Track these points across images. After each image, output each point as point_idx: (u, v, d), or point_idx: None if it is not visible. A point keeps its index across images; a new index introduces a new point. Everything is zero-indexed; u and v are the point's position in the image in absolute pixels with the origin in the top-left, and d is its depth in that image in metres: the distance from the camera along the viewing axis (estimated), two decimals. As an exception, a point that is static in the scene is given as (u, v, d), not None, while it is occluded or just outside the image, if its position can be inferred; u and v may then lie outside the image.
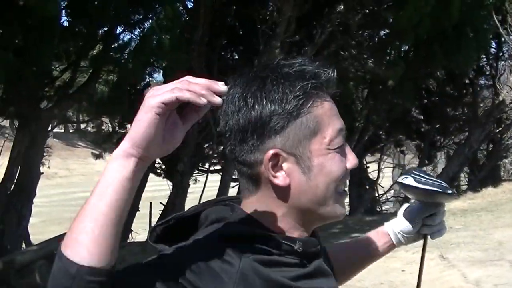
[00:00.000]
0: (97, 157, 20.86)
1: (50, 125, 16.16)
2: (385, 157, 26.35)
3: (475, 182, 21.39)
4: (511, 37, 20.05)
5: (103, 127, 19.50)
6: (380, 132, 22.92)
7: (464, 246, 10.46)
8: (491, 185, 17.08)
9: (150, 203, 17.88)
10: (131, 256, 12.44)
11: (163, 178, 18.06)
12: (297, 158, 1.45)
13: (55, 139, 46.73)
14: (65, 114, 17.97)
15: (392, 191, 26.53)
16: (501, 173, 24.74)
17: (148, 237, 1.55)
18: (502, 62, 22.43)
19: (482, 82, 23.50)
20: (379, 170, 23.90)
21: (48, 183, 39.53)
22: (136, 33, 14.76)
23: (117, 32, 14.70)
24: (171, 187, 16.47)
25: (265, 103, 1.42)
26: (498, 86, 20.56)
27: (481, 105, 22.62)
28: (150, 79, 17.71)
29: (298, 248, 1.48)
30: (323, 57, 14.55)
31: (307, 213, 1.51)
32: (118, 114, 16.59)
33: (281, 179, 1.45)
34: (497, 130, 22.00)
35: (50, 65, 14.00)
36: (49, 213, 30.69)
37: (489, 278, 8.43)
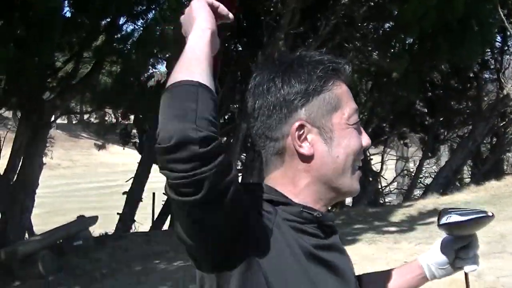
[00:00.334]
0: (100, 148, 20.99)
1: (53, 116, 16.17)
2: (389, 150, 26.35)
3: (478, 176, 21.36)
4: (516, 31, 20.03)
5: (106, 118, 19.54)
6: (384, 125, 22.91)
7: (467, 239, 10.44)
8: (494, 179, 17.04)
9: (153, 194, 17.89)
10: (135, 246, 12.49)
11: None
12: (320, 130, 1.63)
13: (58, 130, 46.80)
14: (68, 105, 17.94)
15: (395, 183, 26.55)
16: (505, 167, 24.72)
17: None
18: (507, 56, 22.40)
19: (487, 76, 23.47)
20: (383, 162, 23.89)
21: (51, 174, 39.61)
22: (140, 24, 14.78)
23: (120, 23, 14.72)
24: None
25: (293, 83, 1.62)
26: (503, 80, 20.52)
27: (485, 99, 22.59)
28: (154, 70, 17.74)
29: (318, 214, 1.64)
30: (328, 49, 14.53)
31: (327, 186, 1.66)
32: (122, 105, 16.61)
33: (306, 149, 1.62)
34: (501, 124, 21.96)
35: (52, 56, 13.98)
36: (52, 204, 30.73)
37: (491, 271, 8.42)
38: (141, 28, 14.82)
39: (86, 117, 22.76)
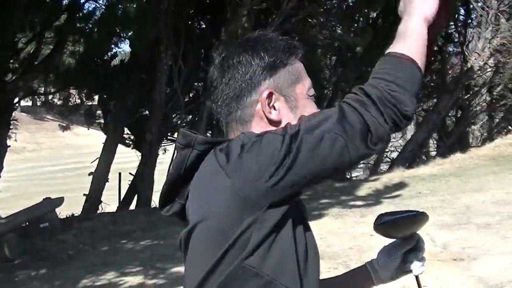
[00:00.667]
0: (64, 129, 20.83)
1: (17, 98, 15.99)
2: (355, 125, 26.41)
3: (444, 149, 21.55)
4: (479, 4, 20.14)
5: (71, 99, 19.36)
6: (349, 100, 22.96)
7: (433, 211, 10.51)
8: (460, 151, 17.17)
9: (119, 174, 17.80)
10: (102, 227, 12.42)
11: (132, 149, 17.96)
12: (286, 99, 1.76)
13: (23, 113, 46.39)
14: (31, 87, 17.74)
15: (362, 158, 26.64)
16: (470, 139, 24.93)
17: (180, 133, 1.77)
18: (471, 29, 22.56)
19: (451, 49, 23.65)
20: (349, 138, 23.93)
21: (17, 158, 39.29)
22: (101, 2, 14.61)
23: (82, 2, 14.53)
24: (140, 158, 16.38)
25: (263, 55, 1.75)
26: (467, 53, 20.68)
27: (450, 72, 22.77)
28: (117, 49, 17.58)
29: None
30: (291, 25, 14.50)
31: None
32: (85, 86, 16.44)
33: (274, 115, 1.74)
34: (466, 97, 22.15)
35: (14, 37, 13.78)
36: (18, 188, 30.52)
37: (457, 241, 8.49)
38: (103, 7, 14.67)
39: (50, 98, 22.54)
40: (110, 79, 15.89)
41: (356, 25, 17.92)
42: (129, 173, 17.50)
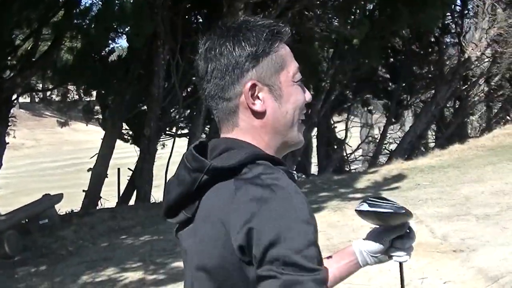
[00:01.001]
0: (63, 125, 20.77)
1: (15, 95, 15.98)
2: (353, 117, 26.42)
3: (442, 140, 21.55)
4: (476, -6, 20.13)
5: (69, 95, 19.35)
6: (347, 92, 22.97)
7: (432, 202, 10.55)
8: (458, 142, 17.17)
9: (118, 169, 17.78)
10: (101, 223, 12.42)
11: (131, 144, 17.96)
12: (270, 88, 1.74)
13: (22, 110, 46.34)
14: (29, 83, 17.73)
15: (360, 151, 26.66)
16: (468, 130, 24.92)
17: (191, 152, 1.74)
18: (467, 20, 22.52)
19: (448, 40, 23.66)
20: (347, 130, 23.95)
21: (16, 154, 39.24)
22: (98, -2, 14.58)
23: (79, -2, 14.51)
24: (139, 153, 16.37)
25: (244, 45, 1.72)
26: (464, 44, 20.65)
27: (447, 63, 22.75)
28: (115, 45, 17.55)
29: (299, 177, 1.73)
30: (288, 18, 14.47)
31: (280, 140, 1.78)
32: (83, 81, 16.43)
33: (259, 106, 1.73)
34: (463, 88, 22.13)
35: (11, 34, 13.77)
36: (18, 184, 30.49)
37: (456, 233, 8.51)
38: (100, 2, 14.64)
39: (48, 95, 22.55)
40: (108, 75, 15.88)
41: (353, 17, 17.91)
42: (128, 169, 17.50)
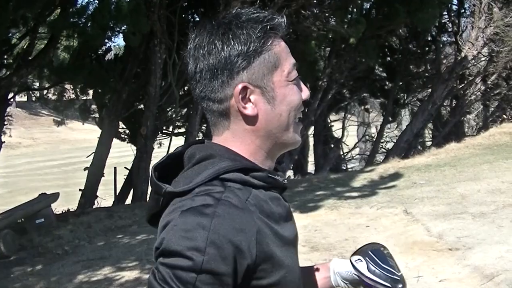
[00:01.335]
0: (59, 124, 20.76)
1: (12, 94, 15.97)
2: (350, 116, 26.45)
3: (439, 138, 21.58)
4: (472, -6, 20.15)
5: (66, 94, 19.34)
6: (344, 91, 23.00)
7: (428, 201, 10.55)
8: (455, 141, 17.19)
9: (115, 168, 17.77)
10: (98, 222, 12.41)
11: (127, 143, 17.95)
12: (262, 90, 1.65)
13: (18, 109, 46.34)
14: (25, 82, 17.71)
15: (357, 149, 26.69)
16: (465, 129, 24.97)
17: (152, 176, 1.69)
18: (464, 19, 22.60)
19: (445, 39, 23.68)
20: (344, 129, 23.99)
21: (13, 153, 39.28)
22: (94, -4, 14.57)
23: (75, -4, 14.49)
24: (135, 152, 16.36)
25: (233, 44, 1.62)
26: (460, 43, 20.71)
27: (444, 62, 22.81)
28: (111, 44, 17.53)
29: (283, 181, 1.73)
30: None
31: (274, 142, 1.70)
32: (80, 80, 16.41)
33: (250, 110, 1.64)
34: (460, 86, 22.17)
35: (7, 33, 13.75)
36: (15, 183, 30.46)
37: (452, 231, 8.51)
38: (96, 1, 14.62)
39: (45, 93, 22.52)
40: (105, 74, 15.87)
41: (350, 16, 17.91)
42: (125, 168, 17.50)
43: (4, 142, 15.09)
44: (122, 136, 18.07)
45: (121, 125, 17.61)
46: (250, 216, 1.54)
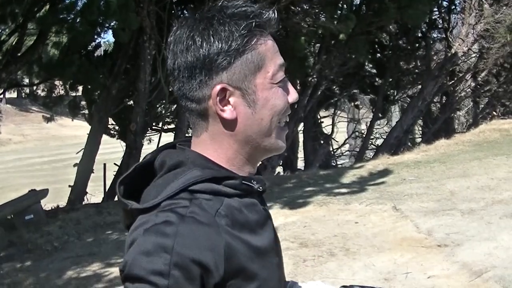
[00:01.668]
0: (48, 120, 20.69)
1: (1, 90, 15.91)
2: (339, 112, 26.46)
3: (429, 135, 21.63)
4: (463, -10, 20.18)
5: (55, 90, 19.29)
6: (334, 87, 23.01)
7: (417, 197, 10.57)
8: (444, 137, 17.23)
9: (104, 165, 17.75)
10: (87, 218, 12.39)
11: (117, 139, 17.91)
12: (243, 92, 1.54)
13: (8, 105, 46.22)
14: (15, 78, 17.65)
15: (347, 146, 26.72)
16: (455, 126, 25.03)
17: (118, 193, 1.60)
18: (455, 15, 22.64)
19: (435, 36, 23.74)
20: (334, 125, 24.00)
21: (3, 150, 39.23)
22: (83, -8, 14.50)
23: (64, -8, 14.44)
24: (125, 148, 16.33)
25: (213, 41, 1.50)
26: (451, 39, 20.74)
27: (434, 58, 22.85)
28: (100, 40, 17.47)
29: (258, 188, 1.60)
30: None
31: (254, 147, 1.60)
32: (69, 76, 16.36)
33: (228, 113, 1.53)
34: (450, 83, 22.22)
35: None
36: (5, 180, 30.41)
37: (441, 228, 8.53)
38: (85, -3, 14.57)
39: (34, 90, 22.47)
40: (94, 70, 15.83)
41: (340, 12, 17.90)
42: (114, 164, 17.46)
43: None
44: (112, 132, 18.03)
45: (111, 121, 17.57)
46: (217, 232, 1.45)
